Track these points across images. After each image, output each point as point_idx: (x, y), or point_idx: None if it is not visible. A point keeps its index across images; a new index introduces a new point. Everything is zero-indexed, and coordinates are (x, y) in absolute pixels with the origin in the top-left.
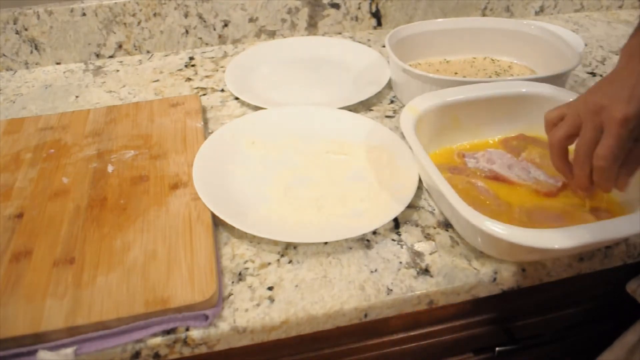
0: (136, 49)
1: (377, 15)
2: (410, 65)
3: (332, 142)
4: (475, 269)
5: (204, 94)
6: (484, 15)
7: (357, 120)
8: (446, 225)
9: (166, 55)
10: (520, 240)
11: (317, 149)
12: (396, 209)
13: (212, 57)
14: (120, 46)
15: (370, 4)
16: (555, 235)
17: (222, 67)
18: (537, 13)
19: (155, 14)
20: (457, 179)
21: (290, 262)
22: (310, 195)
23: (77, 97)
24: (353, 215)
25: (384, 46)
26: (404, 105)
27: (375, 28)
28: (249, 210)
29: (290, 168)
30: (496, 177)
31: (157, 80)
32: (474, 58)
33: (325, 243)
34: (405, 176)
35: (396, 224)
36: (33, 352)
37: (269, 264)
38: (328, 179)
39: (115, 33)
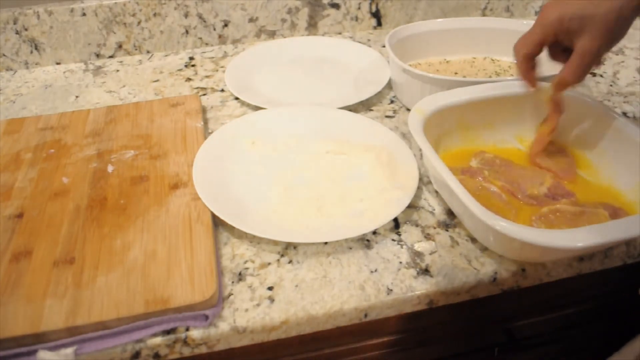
0: (136, 49)
1: (377, 15)
2: (410, 65)
3: (332, 142)
4: (475, 269)
5: (204, 94)
6: (484, 15)
7: (357, 120)
8: (446, 225)
9: (166, 55)
10: (534, 240)
11: (317, 149)
12: (396, 209)
13: (212, 57)
14: (120, 46)
15: (370, 4)
16: (569, 235)
17: (222, 67)
18: (537, 13)
19: (155, 14)
20: (470, 182)
21: (290, 262)
22: (310, 195)
23: (77, 97)
24: (353, 215)
25: (384, 46)
26: (403, 106)
27: (375, 28)
28: (249, 210)
29: (290, 168)
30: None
31: (157, 80)
32: (474, 58)
33: (325, 243)
34: (405, 176)
35: (396, 224)
36: (33, 352)
37: (269, 264)
38: (328, 179)
39: (115, 33)
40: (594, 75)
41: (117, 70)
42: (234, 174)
